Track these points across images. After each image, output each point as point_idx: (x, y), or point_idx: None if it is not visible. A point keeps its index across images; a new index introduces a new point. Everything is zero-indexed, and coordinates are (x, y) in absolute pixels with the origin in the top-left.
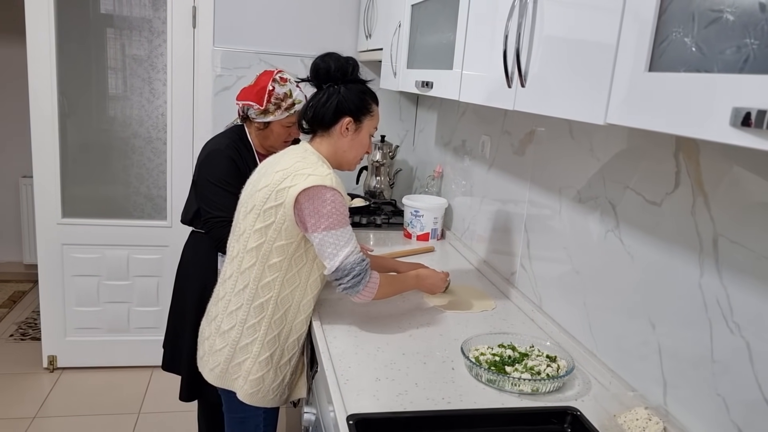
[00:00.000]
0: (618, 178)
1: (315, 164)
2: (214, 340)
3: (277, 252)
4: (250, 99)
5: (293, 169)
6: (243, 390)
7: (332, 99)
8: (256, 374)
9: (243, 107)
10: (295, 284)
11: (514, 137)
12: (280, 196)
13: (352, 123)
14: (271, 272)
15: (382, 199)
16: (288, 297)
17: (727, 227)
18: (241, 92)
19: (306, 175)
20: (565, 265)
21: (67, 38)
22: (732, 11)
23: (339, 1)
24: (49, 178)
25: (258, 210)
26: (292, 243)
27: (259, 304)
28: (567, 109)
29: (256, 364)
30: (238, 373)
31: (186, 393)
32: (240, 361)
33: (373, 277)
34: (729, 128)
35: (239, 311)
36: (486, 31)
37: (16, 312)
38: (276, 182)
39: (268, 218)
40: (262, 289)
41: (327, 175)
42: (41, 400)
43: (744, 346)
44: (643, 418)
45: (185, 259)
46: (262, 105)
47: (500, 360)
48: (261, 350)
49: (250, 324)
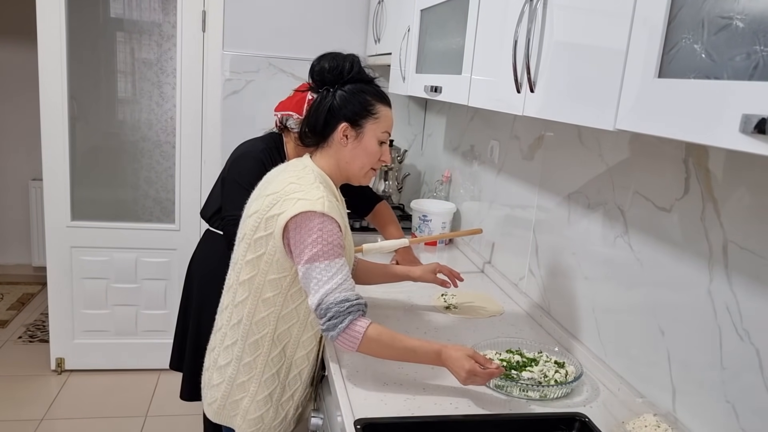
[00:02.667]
0: (627, 183)
1: (309, 186)
2: (212, 373)
3: (270, 286)
4: (289, 109)
5: (283, 193)
6: (241, 429)
7: (324, 103)
8: (255, 414)
9: (282, 117)
10: (293, 321)
11: (523, 142)
12: (269, 225)
13: (350, 128)
14: (266, 307)
15: (390, 203)
16: (285, 333)
17: (737, 233)
18: (279, 104)
19: (295, 200)
20: (573, 271)
21: (77, 42)
22: (742, 18)
23: (348, 6)
24: (59, 180)
25: (249, 240)
26: (286, 276)
27: (254, 341)
28: (576, 114)
29: (254, 403)
30: (236, 410)
31: (187, 392)
32: (237, 399)
33: (355, 324)
34: (739, 135)
35: (234, 347)
36: (495, 37)
37: (25, 314)
38: (265, 208)
39: (258, 249)
40: (256, 325)
41: (318, 199)
42: (49, 402)
43: (754, 353)
44: (652, 425)
45: (194, 261)
46: (302, 114)
47: (508, 365)
48: (258, 389)
49: (245, 362)
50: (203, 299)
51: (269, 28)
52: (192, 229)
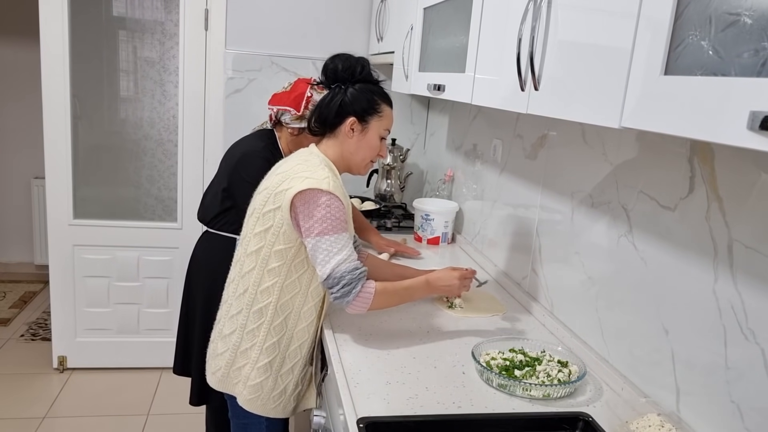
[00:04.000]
0: (631, 182)
1: (315, 167)
2: (217, 343)
3: (276, 256)
4: (286, 104)
5: (292, 172)
6: (242, 396)
7: (336, 99)
8: (255, 380)
9: (277, 112)
10: (295, 291)
11: (526, 141)
12: (278, 199)
13: (357, 123)
14: (271, 277)
15: (392, 202)
16: (288, 303)
17: (742, 232)
18: (273, 97)
19: (303, 178)
20: (577, 270)
21: (80, 41)
22: (750, 14)
23: (351, 4)
24: (61, 179)
25: (258, 213)
26: (291, 248)
27: (258, 309)
28: (581, 112)
29: (254, 370)
30: (238, 378)
31: (196, 397)
32: (240, 366)
33: (366, 287)
34: (746, 132)
35: (239, 315)
36: (499, 35)
37: (27, 312)
38: (275, 185)
39: (267, 222)
40: (261, 294)
41: (324, 179)
42: (51, 400)
43: (759, 353)
44: (656, 425)
45: (196, 261)
46: (299, 111)
47: (511, 365)
48: (260, 356)
49: (249, 329)
50: (210, 304)
51: (272, 26)
52: (194, 228)
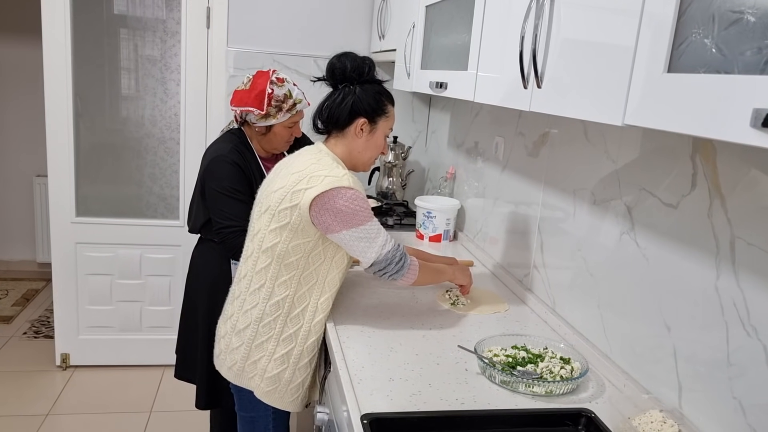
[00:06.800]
0: (633, 180)
1: (330, 166)
2: (231, 338)
3: (293, 251)
4: (248, 104)
5: (309, 171)
6: (260, 388)
7: (347, 99)
8: (272, 372)
9: (241, 113)
10: (312, 282)
11: (528, 139)
12: (295, 197)
13: (367, 124)
14: (288, 271)
15: (394, 200)
16: (305, 295)
17: (745, 229)
18: (234, 96)
19: (322, 177)
20: (579, 267)
21: (81, 39)
22: (753, 12)
23: (352, 2)
24: (64, 177)
25: (273, 211)
26: (309, 241)
27: (276, 302)
28: (584, 110)
29: (271, 362)
30: (255, 371)
31: (204, 401)
32: (256, 359)
33: (413, 260)
34: (749, 129)
35: (254, 309)
36: (501, 32)
37: (30, 310)
38: (291, 184)
39: (283, 219)
40: (278, 287)
41: (344, 176)
42: (54, 397)
43: (761, 349)
44: (658, 421)
45: (195, 267)
46: (262, 110)
47: (513, 361)
48: (276, 347)
49: (265, 322)
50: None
51: (273, 24)
52: None
